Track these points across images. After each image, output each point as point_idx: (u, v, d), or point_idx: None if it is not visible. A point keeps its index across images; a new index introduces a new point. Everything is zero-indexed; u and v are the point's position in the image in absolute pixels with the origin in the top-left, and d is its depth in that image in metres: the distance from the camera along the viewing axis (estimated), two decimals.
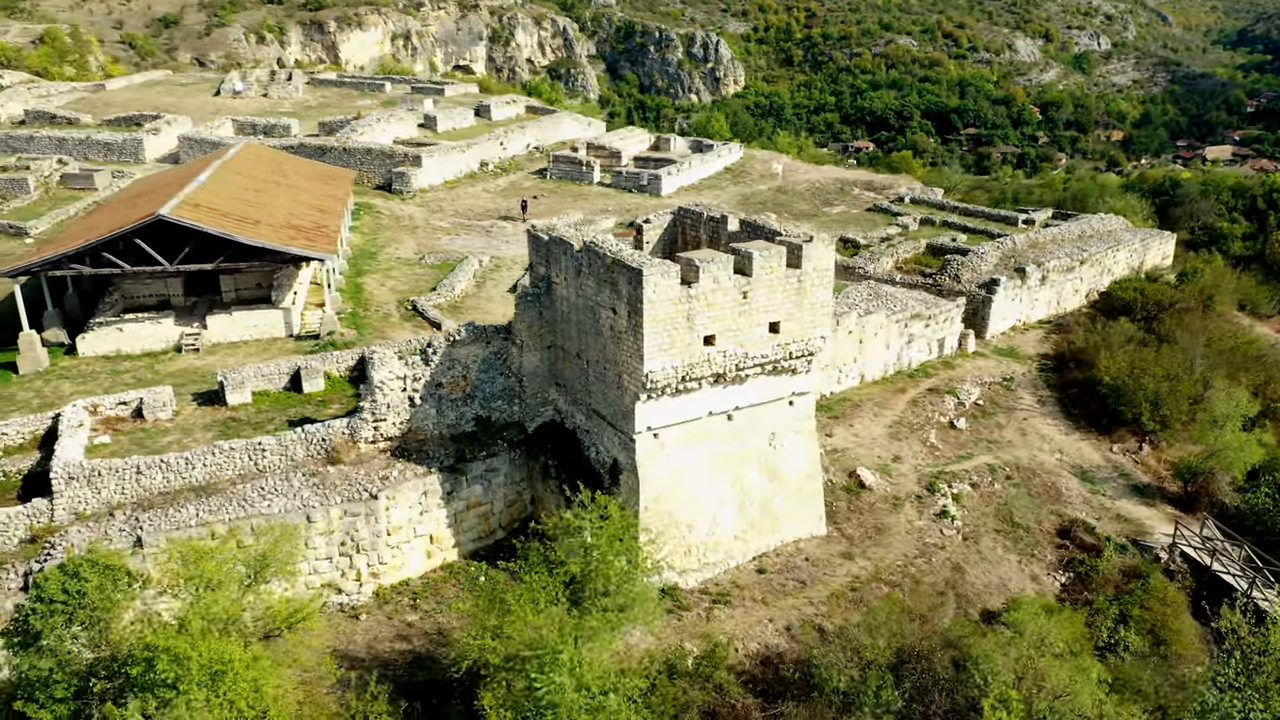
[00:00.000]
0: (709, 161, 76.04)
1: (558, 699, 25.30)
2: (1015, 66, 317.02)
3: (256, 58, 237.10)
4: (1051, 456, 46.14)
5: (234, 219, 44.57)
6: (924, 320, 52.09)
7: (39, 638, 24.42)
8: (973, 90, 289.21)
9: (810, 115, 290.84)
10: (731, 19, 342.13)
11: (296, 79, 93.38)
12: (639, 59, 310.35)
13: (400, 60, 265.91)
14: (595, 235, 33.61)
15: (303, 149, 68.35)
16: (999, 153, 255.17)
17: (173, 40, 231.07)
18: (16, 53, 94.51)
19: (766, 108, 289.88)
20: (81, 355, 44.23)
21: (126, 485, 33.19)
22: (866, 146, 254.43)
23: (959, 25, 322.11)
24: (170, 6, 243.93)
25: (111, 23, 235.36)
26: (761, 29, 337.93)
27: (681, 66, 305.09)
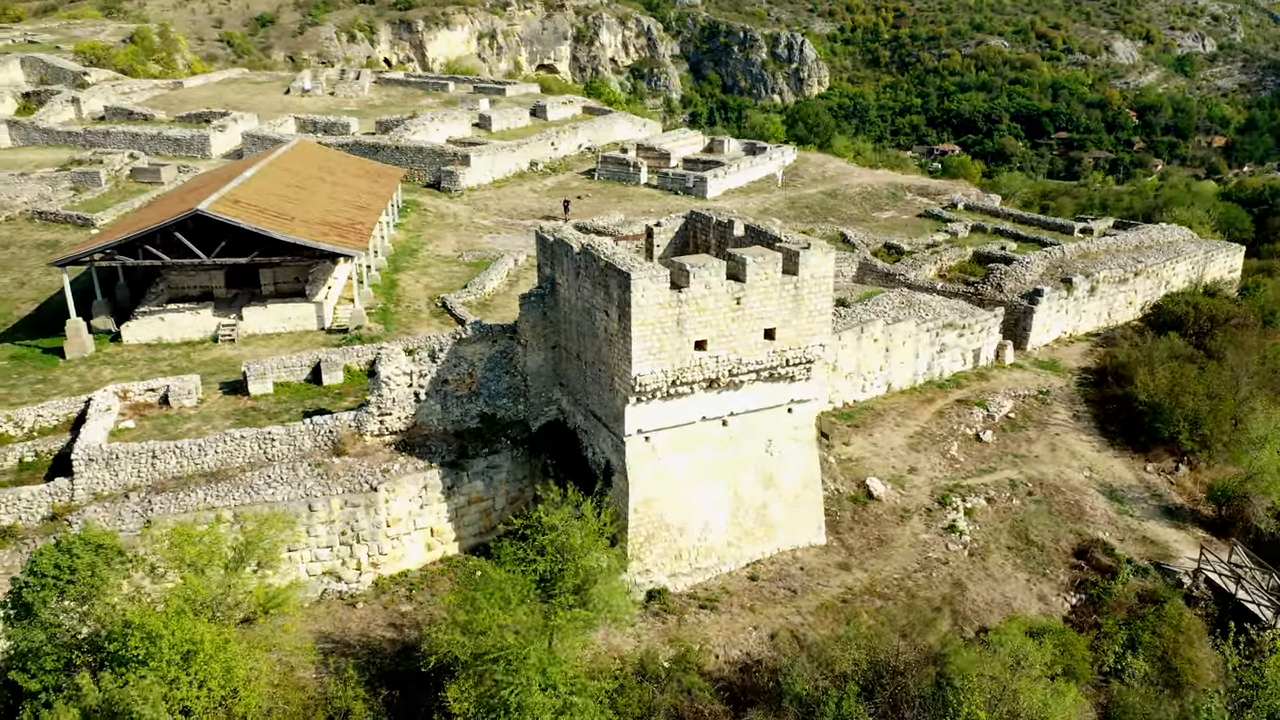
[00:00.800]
0: (759, 164, 75.67)
1: (523, 699, 25.75)
2: (1112, 69, 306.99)
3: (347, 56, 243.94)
4: (1080, 474, 44.86)
5: (270, 215, 46.11)
6: (957, 330, 51.10)
7: (31, 610, 25.79)
8: (1066, 93, 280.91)
9: (895, 117, 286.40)
10: (818, 19, 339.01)
11: (364, 78, 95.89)
12: (722, 59, 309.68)
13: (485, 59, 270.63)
14: (593, 237, 33.91)
15: (357, 147, 70.26)
16: (1090, 158, 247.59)
17: (268, 39, 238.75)
18: (105, 51, 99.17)
19: (850, 109, 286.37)
20: (125, 343, 46.31)
21: (142, 469, 34.72)
22: (952, 150, 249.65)
23: (1054, 26, 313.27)
24: (267, 6, 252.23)
25: (212, 21, 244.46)
26: (848, 29, 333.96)
27: (765, 67, 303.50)
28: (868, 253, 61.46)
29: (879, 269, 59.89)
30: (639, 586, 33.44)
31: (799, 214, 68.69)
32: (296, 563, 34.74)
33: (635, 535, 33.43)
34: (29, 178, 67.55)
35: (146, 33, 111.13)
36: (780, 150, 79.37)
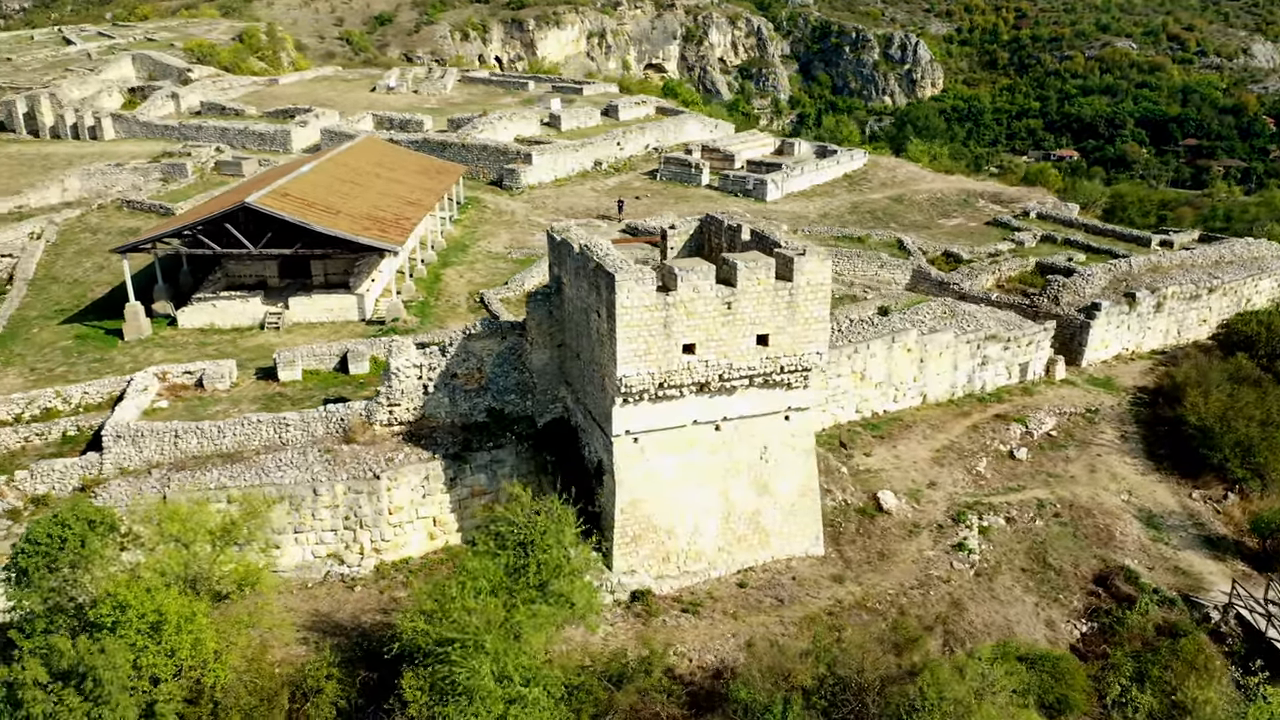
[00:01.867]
0: (827, 168, 74.65)
1: (474, 686, 26.30)
2: (1250, 73, 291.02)
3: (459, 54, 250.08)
4: (1117, 497, 43.05)
5: (317, 209, 47.90)
6: (1001, 342, 49.60)
7: (27, 575, 27.60)
8: (1197, 98, 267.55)
9: (1011, 121, 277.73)
10: (934, 19, 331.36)
11: (449, 77, 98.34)
12: (833, 60, 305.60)
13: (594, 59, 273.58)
14: (592, 238, 34.24)
15: (426, 144, 72.23)
16: (1220, 166, 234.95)
17: (385, 37, 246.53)
18: (211, 49, 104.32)
19: (964, 112, 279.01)
20: (181, 327, 48.83)
21: (165, 447, 36.66)
22: (1070, 155, 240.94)
23: (1187, 27, 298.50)
24: (386, 5, 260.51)
25: (334, 20, 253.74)
26: (966, 30, 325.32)
27: (877, 68, 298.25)
28: (923, 260, 60.09)
29: (933, 277, 58.54)
30: (623, 586, 33.69)
31: (860, 219, 67.55)
32: (302, 544, 36.16)
33: (621, 535, 33.66)
34: (123, 168, 71.67)
35: (254, 31, 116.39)
36: (850, 154, 78.10)
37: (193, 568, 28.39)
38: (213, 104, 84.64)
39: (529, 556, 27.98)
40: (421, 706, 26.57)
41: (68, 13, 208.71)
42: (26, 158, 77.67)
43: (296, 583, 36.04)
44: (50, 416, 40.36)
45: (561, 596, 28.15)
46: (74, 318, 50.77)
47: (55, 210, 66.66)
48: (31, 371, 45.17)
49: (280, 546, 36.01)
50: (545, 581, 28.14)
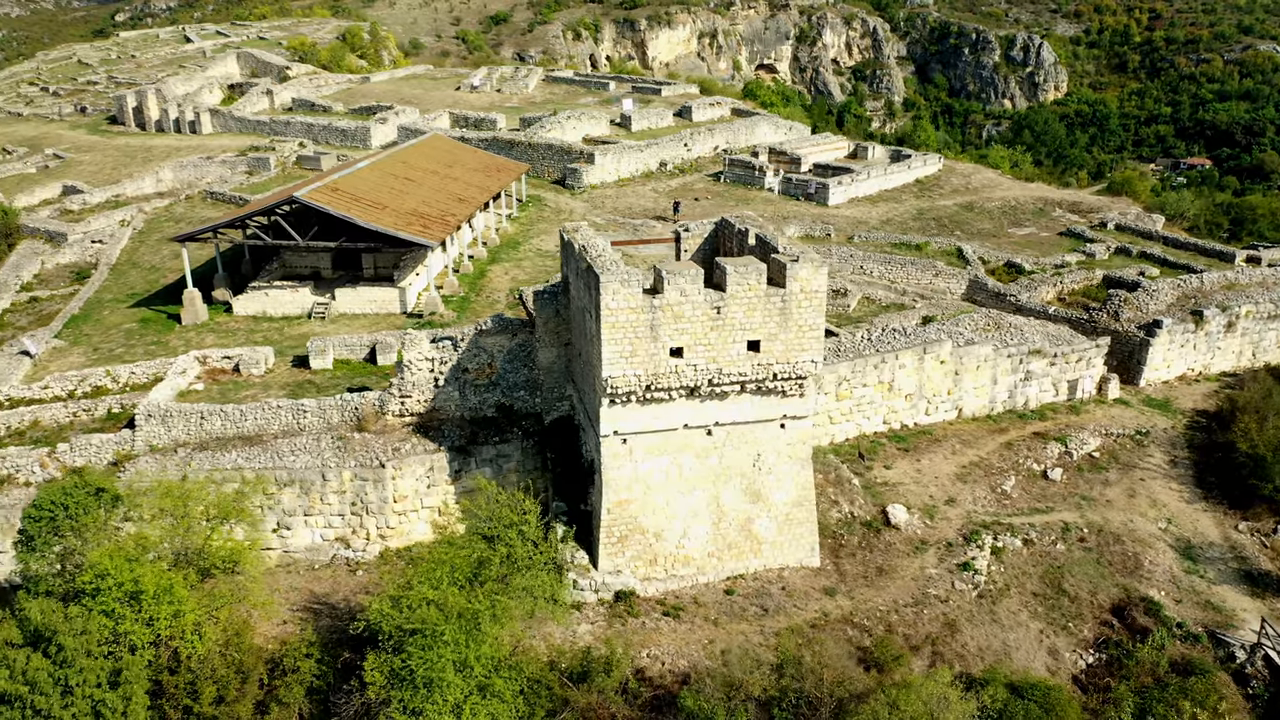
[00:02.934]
0: (897, 173, 73.01)
1: (433, 675, 26.96)
2: None
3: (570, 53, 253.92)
4: (1153, 525, 41.00)
5: (363, 203, 49.54)
6: (1047, 358, 47.76)
7: (32, 541, 29.55)
8: None
9: (1139, 126, 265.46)
10: (1061, 20, 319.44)
11: (533, 77, 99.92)
12: (951, 61, 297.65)
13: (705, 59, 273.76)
14: (591, 238, 34.50)
15: (496, 142, 73.66)
16: None
17: (499, 36, 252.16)
18: (312, 47, 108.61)
19: (1088, 116, 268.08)
20: (235, 314, 51.21)
21: (191, 427, 38.58)
22: (1202, 163, 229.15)
23: None
24: (503, 5, 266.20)
25: (451, 19, 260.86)
26: (1094, 31, 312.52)
27: (997, 70, 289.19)
28: (981, 270, 58.31)
29: (989, 288, 56.78)
30: (607, 586, 33.87)
31: (923, 226, 65.91)
32: (312, 527, 37.57)
33: (607, 535, 33.86)
34: (213, 161, 75.45)
35: (357, 30, 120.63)
36: (923, 159, 76.17)
37: (181, 543, 29.85)
38: (303, 100, 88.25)
39: (494, 549, 28.46)
40: (380, 689, 27.35)
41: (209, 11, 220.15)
42: (131, 150, 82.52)
43: (305, 563, 37.47)
44: (99, 394, 42.93)
45: (524, 590, 28.55)
46: (142, 302, 53.79)
47: (147, 200, 70.67)
48: (94, 351, 48.09)
49: (291, 528, 37.53)
50: (507, 575, 28.60)
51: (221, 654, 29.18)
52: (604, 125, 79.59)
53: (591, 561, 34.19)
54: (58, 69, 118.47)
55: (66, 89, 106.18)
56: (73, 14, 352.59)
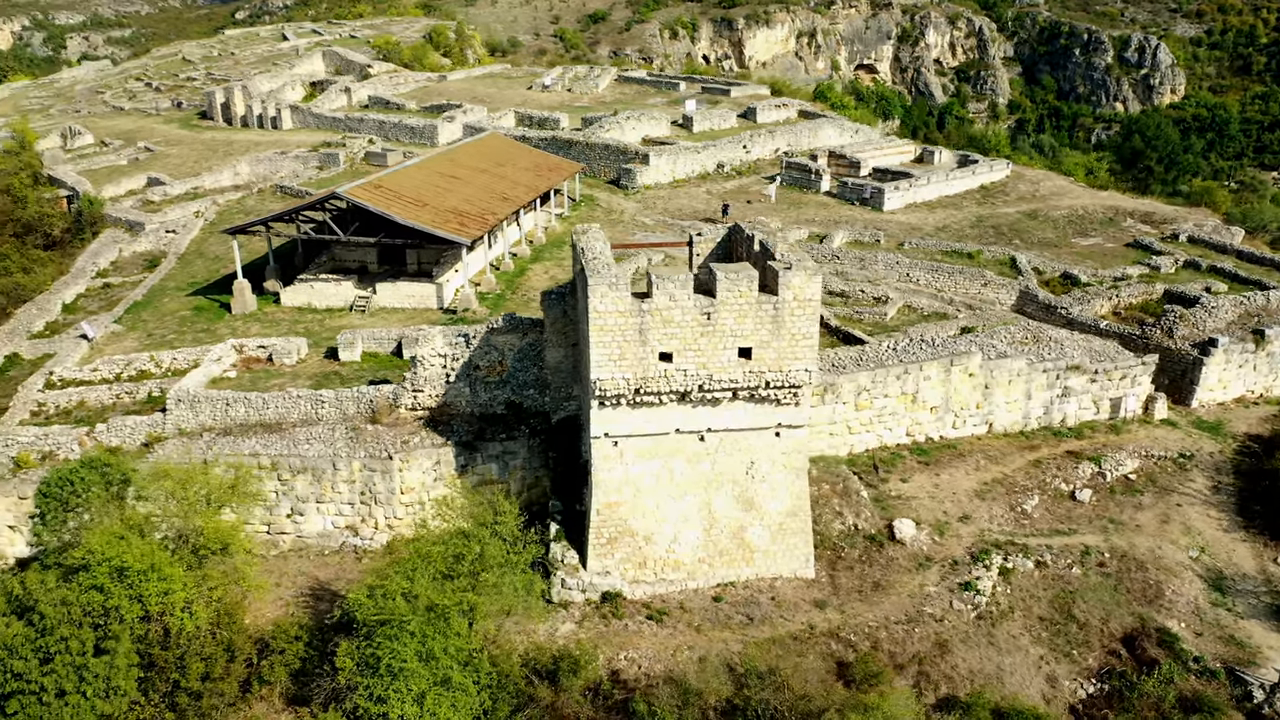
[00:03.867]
0: (960, 178, 71.15)
1: (396, 663, 27.71)
2: None
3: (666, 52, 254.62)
4: (1183, 553, 39.22)
5: (404, 201, 50.83)
6: (1087, 374, 46.07)
7: (44, 517, 31.34)
8: None
9: (1262, 133, 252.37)
10: (1181, 20, 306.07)
11: (605, 76, 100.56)
12: (1061, 63, 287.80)
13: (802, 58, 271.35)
14: (590, 241, 34.73)
15: (555, 142, 74.50)
16: None
17: (597, 35, 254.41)
18: (395, 46, 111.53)
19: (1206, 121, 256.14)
20: (283, 305, 53.12)
21: (217, 413, 40.25)
22: None
23: None
24: (601, 3, 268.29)
25: (550, 17, 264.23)
26: (1216, 31, 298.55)
27: (1109, 72, 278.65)
28: (1033, 281, 56.49)
29: (1040, 299, 54.99)
30: (594, 587, 34.10)
31: (980, 234, 64.16)
32: (323, 514, 38.82)
33: (596, 537, 34.09)
34: (287, 155, 78.26)
35: (442, 29, 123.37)
36: (990, 165, 74.01)
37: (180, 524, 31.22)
38: (378, 98, 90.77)
39: (468, 546, 29.00)
40: (349, 674, 28.20)
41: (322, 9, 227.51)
42: (214, 144, 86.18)
43: (316, 549, 38.76)
44: (143, 378, 45.11)
45: (492, 587, 29.02)
46: (199, 291, 56.22)
47: (222, 193, 73.75)
48: (148, 336, 50.52)
49: (304, 514, 38.85)
50: (478, 571, 29.11)
51: (212, 632, 30.44)
52: (664, 126, 79.68)
53: (581, 562, 34.47)
54: (163, 65, 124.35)
55: (167, 85, 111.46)
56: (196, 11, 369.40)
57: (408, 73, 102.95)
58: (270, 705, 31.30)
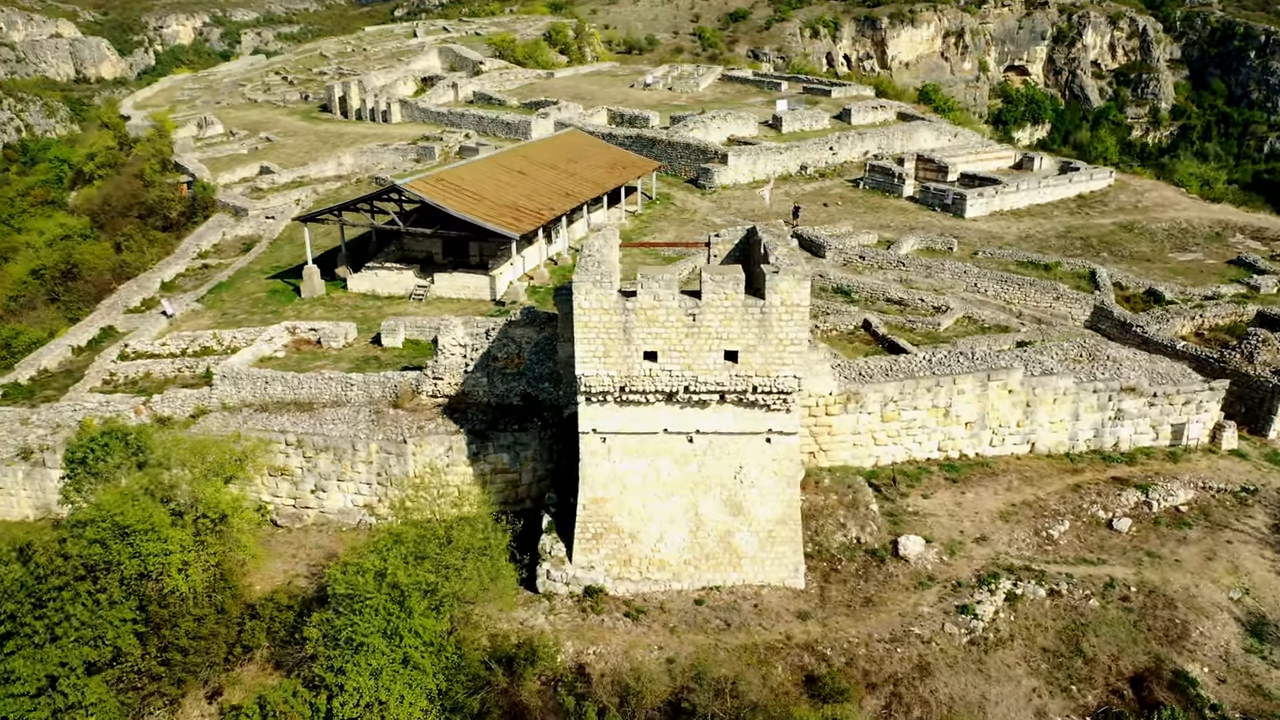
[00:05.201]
0: (1054, 186, 67.80)
1: (357, 638, 28.87)
2: None
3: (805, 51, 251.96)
4: (1223, 594, 36.59)
5: (463, 194, 52.34)
6: (1145, 397, 43.50)
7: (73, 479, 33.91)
8: None
9: None
10: None
11: (709, 75, 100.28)
12: (1233, 66, 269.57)
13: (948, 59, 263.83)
14: (591, 240, 35.01)
15: (639, 140, 74.97)
16: None
17: (735, 33, 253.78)
18: (511, 43, 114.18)
19: None
20: (349, 291, 55.52)
21: (256, 390, 42.54)
22: None
23: None
24: (743, 1, 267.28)
25: (690, 15, 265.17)
26: None
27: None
28: (1109, 297, 53.55)
29: (1115, 316, 52.13)
30: (578, 580, 34.45)
31: (1066, 245, 61.11)
32: (344, 492, 40.50)
33: (582, 531, 34.42)
34: (388, 148, 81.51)
35: (561, 27, 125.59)
36: (1091, 173, 70.21)
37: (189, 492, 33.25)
38: (482, 94, 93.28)
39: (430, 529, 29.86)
40: (316, 644, 29.51)
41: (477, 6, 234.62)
42: (327, 135, 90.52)
43: (335, 525, 40.47)
44: (205, 354, 48.05)
45: (455, 570, 29.77)
46: (278, 275, 59.32)
47: (324, 182, 77.44)
48: (222, 315, 53.69)
49: (326, 490, 40.63)
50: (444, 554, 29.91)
51: (208, 594, 32.33)
52: (752, 126, 78.94)
53: (568, 555, 34.86)
54: (302, 61, 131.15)
55: (300, 79, 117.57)
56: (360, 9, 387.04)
57: (518, 69, 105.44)
58: (259, 668, 32.99)
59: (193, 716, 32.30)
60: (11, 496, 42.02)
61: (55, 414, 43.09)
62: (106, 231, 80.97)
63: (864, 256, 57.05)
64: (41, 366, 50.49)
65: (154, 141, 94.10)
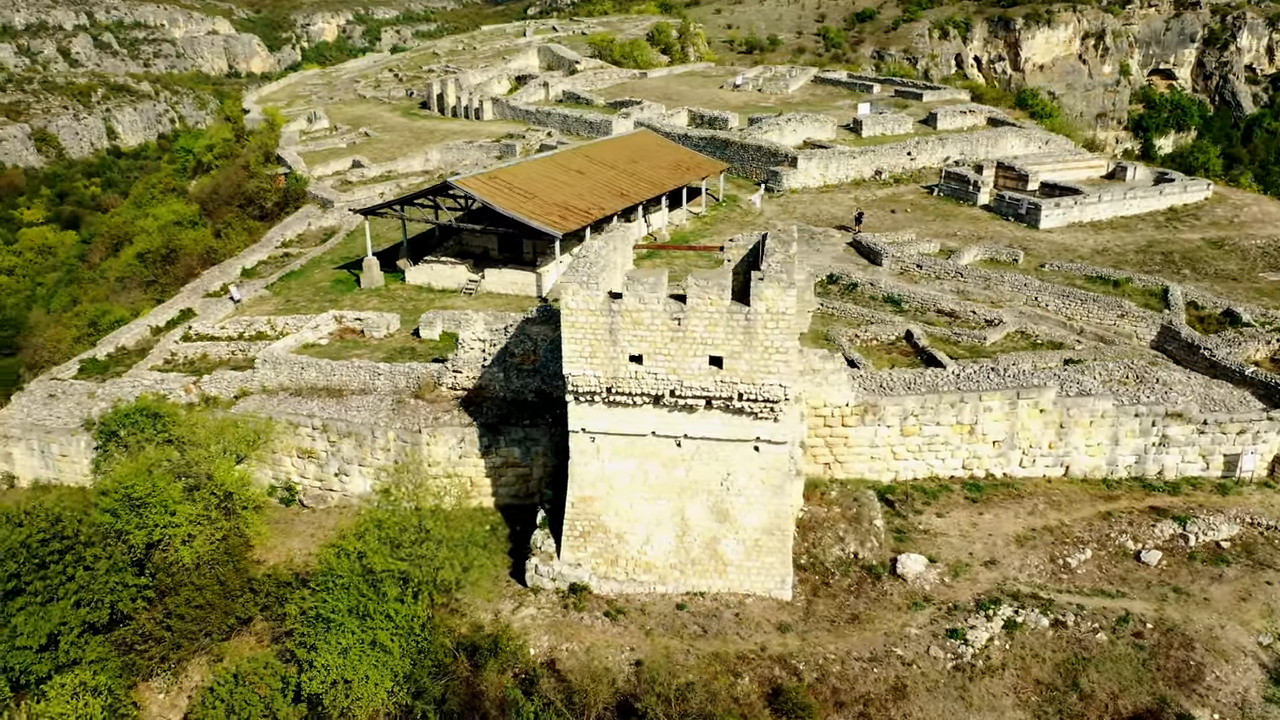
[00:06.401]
0: (1142, 198, 64.23)
1: (328, 616, 30.06)
2: None
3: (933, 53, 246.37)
4: (1251, 638, 34.34)
5: (514, 192, 53.35)
6: (1194, 425, 41.13)
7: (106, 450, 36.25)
8: None
9: None
10: None
11: (801, 77, 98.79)
12: None
13: (1086, 61, 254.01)
14: (592, 241, 35.26)
15: (712, 141, 74.68)
16: None
17: (861, 34, 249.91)
18: (609, 43, 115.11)
19: None
20: (406, 283, 57.31)
21: (293, 374, 44.46)
22: None
23: None
24: (871, 1, 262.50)
25: (816, 15, 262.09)
26: None
27: None
28: (1180, 316, 50.62)
29: (1182, 337, 49.28)
30: (563, 577, 34.82)
31: (1144, 260, 57.97)
32: (365, 476, 41.92)
33: (570, 529, 34.77)
34: (473, 145, 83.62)
35: (665, 26, 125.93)
36: (1185, 185, 66.20)
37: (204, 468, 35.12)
38: (571, 93, 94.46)
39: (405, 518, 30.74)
40: (294, 619, 30.81)
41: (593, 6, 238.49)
42: (421, 131, 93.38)
43: (355, 508, 41.91)
44: (259, 339, 50.45)
45: (427, 560, 30.57)
46: (346, 265, 61.65)
47: (408, 176, 80.00)
48: (286, 303, 56.20)
49: (349, 474, 42.14)
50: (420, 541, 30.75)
51: (210, 567, 34.08)
52: (830, 129, 77.42)
53: (557, 551, 35.26)
54: (415, 58, 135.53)
55: (408, 75, 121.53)
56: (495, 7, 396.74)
57: (613, 69, 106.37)
58: (257, 640, 34.59)
59: (194, 680, 34.15)
60: (75, 464, 45.05)
61: (117, 389, 46.00)
62: (213, 219, 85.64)
63: (921, 265, 55.51)
64: (120, 344, 53.94)
65: (263, 134, 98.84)
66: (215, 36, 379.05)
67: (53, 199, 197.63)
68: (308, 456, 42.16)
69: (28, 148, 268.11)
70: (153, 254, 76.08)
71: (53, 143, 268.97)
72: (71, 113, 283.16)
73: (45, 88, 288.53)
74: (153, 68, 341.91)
